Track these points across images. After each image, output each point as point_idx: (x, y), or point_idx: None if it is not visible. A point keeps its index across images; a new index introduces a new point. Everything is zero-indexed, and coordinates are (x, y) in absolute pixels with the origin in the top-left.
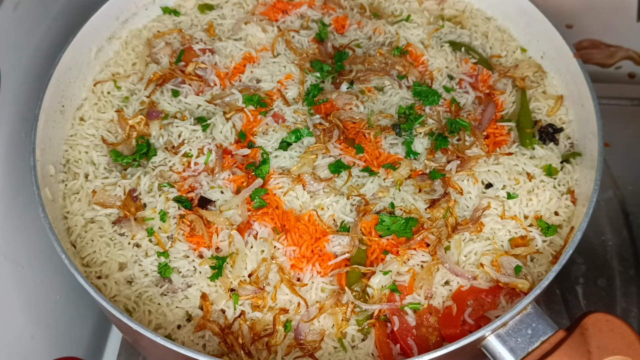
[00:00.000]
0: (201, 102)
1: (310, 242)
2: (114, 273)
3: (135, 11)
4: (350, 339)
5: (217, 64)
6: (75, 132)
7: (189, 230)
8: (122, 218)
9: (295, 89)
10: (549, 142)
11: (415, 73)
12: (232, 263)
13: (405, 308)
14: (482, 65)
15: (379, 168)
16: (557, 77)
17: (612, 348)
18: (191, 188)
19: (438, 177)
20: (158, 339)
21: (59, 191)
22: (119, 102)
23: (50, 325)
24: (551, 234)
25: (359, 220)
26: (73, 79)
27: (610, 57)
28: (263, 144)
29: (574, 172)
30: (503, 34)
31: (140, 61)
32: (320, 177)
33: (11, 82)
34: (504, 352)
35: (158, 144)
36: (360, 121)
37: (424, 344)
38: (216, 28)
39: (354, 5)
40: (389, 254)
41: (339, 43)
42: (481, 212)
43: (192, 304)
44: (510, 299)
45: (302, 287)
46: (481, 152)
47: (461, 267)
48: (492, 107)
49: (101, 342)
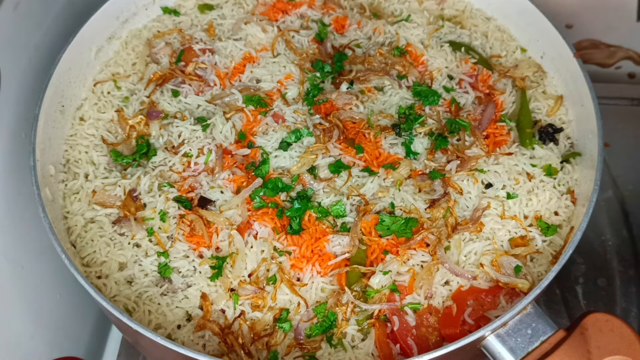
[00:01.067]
0: (201, 102)
1: (310, 242)
2: (114, 273)
3: (135, 11)
4: (350, 339)
5: (217, 64)
6: (75, 132)
7: (189, 230)
8: (122, 218)
9: (295, 89)
10: (548, 142)
11: (415, 73)
12: (232, 263)
13: (405, 308)
14: (482, 65)
15: (378, 168)
16: (557, 77)
17: (611, 348)
18: (191, 188)
19: (438, 177)
20: (158, 339)
21: (59, 191)
22: (119, 102)
23: (50, 325)
24: (551, 234)
25: (358, 220)
26: (73, 79)
27: (610, 57)
28: (263, 144)
29: (574, 172)
30: (503, 34)
31: (140, 61)
32: (321, 177)
33: (11, 82)
34: (503, 352)
35: (158, 144)
36: (360, 121)
37: (424, 344)
38: (216, 28)
39: (354, 5)
40: (389, 254)
41: (339, 43)
42: (481, 212)
43: (192, 304)
44: (510, 298)
45: (302, 287)
46: (481, 152)
47: (461, 267)
48: (492, 107)
49: (101, 342)
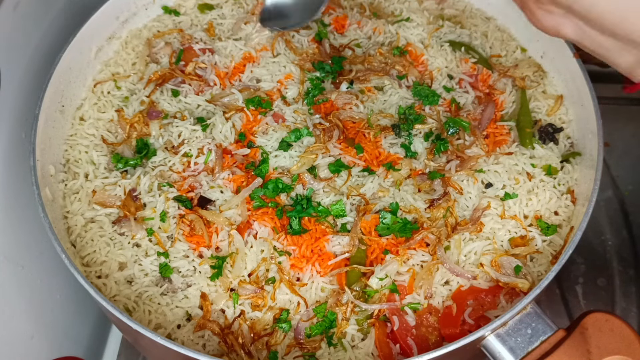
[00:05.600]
0: (201, 102)
1: (310, 242)
2: (114, 273)
3: (135, 11)
4: (350, 339)
5: (217, 64)
6: (75, 132)
7: (189, 230)
8: (122, 218)
9: (295, 89)
10: (548, 141)
11: (415, 73)
12: (231, 263)
13: (405, 308)
14: (481, 64)
15: (378, 168)
16: (557, 76)
17: (611, 348)
18: (191, 188)
19: (437, 177)
20: (158, 338)
21: (59, 191)
22: (119, 102)
23: (50, 325)
24: (551, 233)
25: (358, 220)
26: (73, 79)
27: None
28: (263, 143)
29: (574, 172)
30: (503, 34)
31: (140, 61)
32: (320, 176)
33: (11, 82)
34: (503, 352)
35: (158, 144)
36: (360, 121)
37: (424, 344)
38: (216, 28)
39: (354, 4)
40: (389, 254)
41: (339, 43)
42: (481, 212)
43: (192, 303)
44: (510, 298)
45: (302, 286)
46: (481, 152)
47: (461, 267)
48: (492, 107)
49: (101, 342)
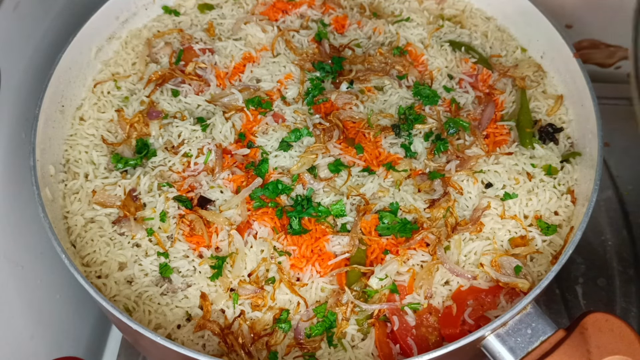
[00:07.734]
0: (201, 102)
1: (310, 242)
2: (113, 273)
3: (135, 11)
4: (350, 339)
5: (217, 64)
6: (75, 132)
7: (189, 230)
8: (122, 218)
9: (295, 89)
10: (548, 141)
11: (415, 73)
12: (231, 263)
13: (405, 308)
14: (482, 64)
15: (378, 168)
16: (557, 76)
17: (611, 348)
18: (191, 188)
19: (437, 177)
20: (158, 338)
21: (59, 191)
22: (119, 102)
23: (50, 325)
24: (551, 233)
25: (358, 219)
26: (73, 79)
27: (610, 57)
28: (263, 143)
29: (574, 172)
30: (503, 34)
31: (140, 61)
32: (320, 176)
33: (11, 82)
34: (503, 352)
35: (158, 144)
36: (360, 121)
37: (424, 344)
38: (216, 28)
39: (354, 4)
40: (389, 254)
41: (339, 43)
42: (481, 212)
43: (192, 303)
44: (510, 298)
45: (302, 286)
46: (481, 152)
47: (461, 267)
48: (492, 107)
49: (101, 342)
